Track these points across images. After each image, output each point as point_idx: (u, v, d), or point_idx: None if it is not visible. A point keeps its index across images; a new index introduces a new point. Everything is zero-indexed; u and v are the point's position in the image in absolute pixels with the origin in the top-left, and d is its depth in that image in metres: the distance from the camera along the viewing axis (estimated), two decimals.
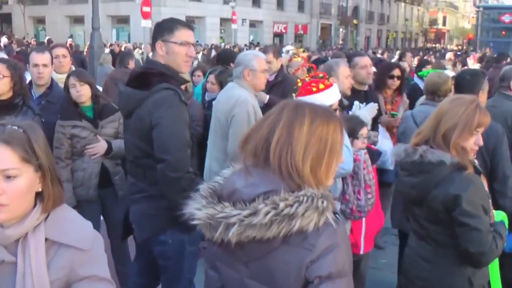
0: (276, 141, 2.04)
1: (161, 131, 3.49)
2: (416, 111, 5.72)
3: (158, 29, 3.72)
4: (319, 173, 2.06)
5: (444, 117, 3.14)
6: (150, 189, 3.65)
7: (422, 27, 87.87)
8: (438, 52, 54.99)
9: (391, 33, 75.66)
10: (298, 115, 2.07)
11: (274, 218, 1.93)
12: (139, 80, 3.67)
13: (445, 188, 3.04)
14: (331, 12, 58.29)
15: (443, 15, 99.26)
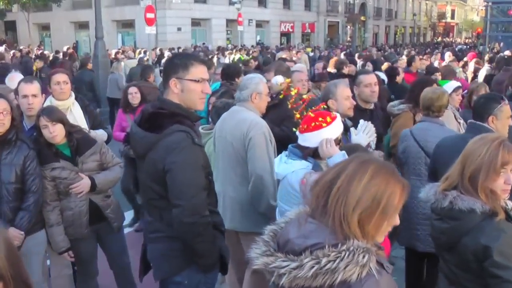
0: (337, 189, 2.17)
1: (174, 176, 3.43)
2: (415, 129, 5.59)
3: (171, 66, 3.60)
4: (366, 227, 2.16)
5: (468, 159, 3.06)
6: (166, 230, 3.62)
7: (430, 22, 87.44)
8: (447, 47, 54.81)
9: (399, 28, 75.33)
10: (361, 169, 2.20)
11: (318, 272, 2.09)
12: (150, 121, 3.57)
13: (475, 237, 2.95)
14: (338, 10, 57.94)
15: (452, 8, 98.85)
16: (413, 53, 23.02)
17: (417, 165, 5.41)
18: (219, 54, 24.62)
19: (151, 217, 3.74)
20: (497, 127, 4.50)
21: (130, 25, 40.56)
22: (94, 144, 4.80)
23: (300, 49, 31.81)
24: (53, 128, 4.50)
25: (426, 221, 4.89)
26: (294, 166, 3.84)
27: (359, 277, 2.09)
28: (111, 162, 4.95)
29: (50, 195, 4.63)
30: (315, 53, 26.88)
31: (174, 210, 3.46)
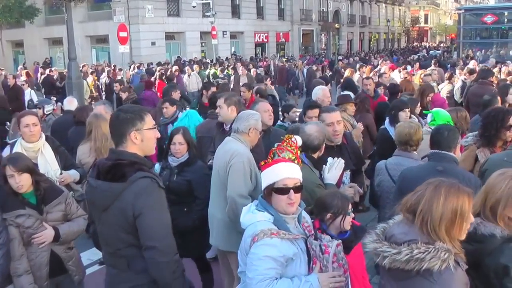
0: (420, 210, 3.05)
1: (145, 220, 3.56)
2: (389, 163, 5.61)
3: (127, 120, 3.69)
4: (452, 232, 3.02)
5: (490, 192, 3.50)
6: (134, 279, 3.72)
7: (404, 27, 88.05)
8: (423, 51, 55.28)
9: (373, 35, 75.81)
10: (436, 193, 3.04)
11: (410, 258, 2.96)
12: (112, 172, 3.66)
13: (496, 258, 3.32)
14: (312, 18, 58.17)
15: (425, 13, 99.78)
16: (384, 64, 23.09)
17: (389, 194, 5.45)
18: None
19: (116, 269, 3.80)
20: (457, 154, 4.79)
21: (104, 40, 40.23)
22: (60, 194, 4.75)
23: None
24: (19, 178, 4.43)
25: None
26: (256, 217, 3.78)
27: (440, 269, 2.92)
28: (76, 213, 4.87)
29: (18, 243, 4.50)
30: (291, 67, 26.50)
31: (147, 252, 3.57)
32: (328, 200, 4.14)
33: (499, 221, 3.42)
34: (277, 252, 3.56)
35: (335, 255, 3.91)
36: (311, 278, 3.69)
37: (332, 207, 4.09)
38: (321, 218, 4.11)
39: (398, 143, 5.66)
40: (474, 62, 20.18)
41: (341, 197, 4.24)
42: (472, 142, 5.92)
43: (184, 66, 24.17)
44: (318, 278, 3.68)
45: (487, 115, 5.92)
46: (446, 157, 4.76)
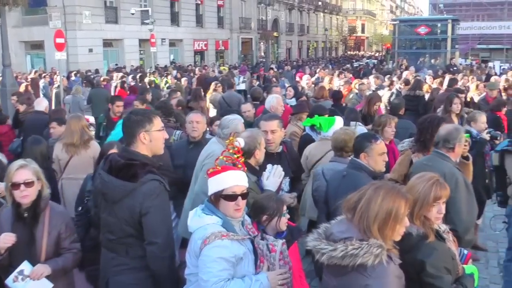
0: (360, 208, 3.26)
1: (151, 218, 4.03)
2: (326, 168, 5.77)
3: (137, 121, 4.13)
4: (384, 232, 3.21)
5: (419, 199, 3.73)
6: (131, 262, 4.17)
7: (341, 36, 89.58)
8: (363, 60, 56.30)
9: (311, 43, 76.76)
10: (375, 193, 3.25)
11: (345, 254, 3.13)
12: (124, 171, 4.06)
13: (413, 254, 3.58)
14: (251, 26, 58.53)
15: (362, 22, 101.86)
16: (323, 72, 23.41)
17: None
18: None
19: (114, 253, 4.23)
20: (369, 163, 4.97)
21: (39, 46, 39.00)
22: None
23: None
24: None
25: None
26: (204, 221, 3.88)
27: (373, 264, 3.10)
28: None
29: None
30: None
31: (150, 246, 4.04)
32: (264, 203, 4.33)
33: (415, 221, 3.69)
34: (229, 253, 3.70)
35: (281, 253, 4.12)
36: (260, 277, 3.86)
37: (268, 209, 4.28)
38: (258, 221, 4.29)
39: (334, 149, 5.85)
40: (409, 72, 20.71)
41: (276, 199, 4.47)
42: (408, 147, 6.16)
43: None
44: (267, 277, 3.87)
45: (423, 121, 6.15)
46: (358, 164, 5.03)
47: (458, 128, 5.61)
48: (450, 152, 5.35)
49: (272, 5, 59.84)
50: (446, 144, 5.36)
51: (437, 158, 5.36)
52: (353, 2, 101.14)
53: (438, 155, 5.39)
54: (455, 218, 4.93)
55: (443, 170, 5.10)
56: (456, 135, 5.37)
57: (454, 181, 5.05)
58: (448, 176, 5.02)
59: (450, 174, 5.10)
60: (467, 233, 5.10)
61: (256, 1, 57.26)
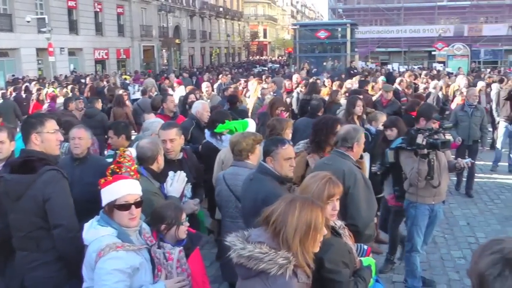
0: (273, 221, 3.21)
1: (54, 203, 4.37)
2: (227, 173, 5.84)
3: (31, 123, 4.61)
4: (306, 244, 3.18)
5: (303, 193, 3.83)
6: (43, 257, 4.44)
7: (244, 41, 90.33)
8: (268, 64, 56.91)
9: (214, 49, 76.92)
10: (291, 207, 3.21)
11: (251, 256, 3.14)
12: (23, 167, 4.44)
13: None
14: (153, 34, 57.81)
15: (264, 28, 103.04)
16: (225, 78, 23.53)
17: (229, 208, 5.69)
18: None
19: (25, 251, 4.49)
20: (275, 167, 5.02)
21: None
22: None
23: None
24: None
25: None
26: (99, 233, 3.84)
27: (275, 274, 3.09)
28: None
29: None
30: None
31: (56, 229, 4.35)
32: (162, 212, 4.33)
33: None
34: (124, 264, 3.66)
35: (178, 261, 4.15)
36: (158, 285, 3.88)
37: (166, 218, 4.28)
38: (157, 229, 4.29)
39: (232, 152, 5.90)
40: (298, 75, 21.23)
41: (175, 208, 4.45)
42: (303, 148, 6.26)
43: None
44: (164, 285, 3.90)
45: (317, 122, 6.28)
46: (265, 168, 5.09)
47: (357, 128, 5.78)
48: (349, 151, 5.53)
49: (173, 12, 59.53)
50: (344, 144, 5.54)
51: (337, 157, 5.53)
52: (255, 7, 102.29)
53: (338, 154, 5.57)
54: (355, 214, 5.16)
55: (342, 168, 5.30)
56: (355, 135, 5.55)
57: (353, 178, 5.25)
58: (347, 174, 5.25)
59: (349, 172, 5.29)
60: (367, 228, 5.29)
61: (156, 8, 56.66)
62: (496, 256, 1.76)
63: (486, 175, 13.83)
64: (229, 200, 5.66)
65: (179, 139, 6.16)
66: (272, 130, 6.95)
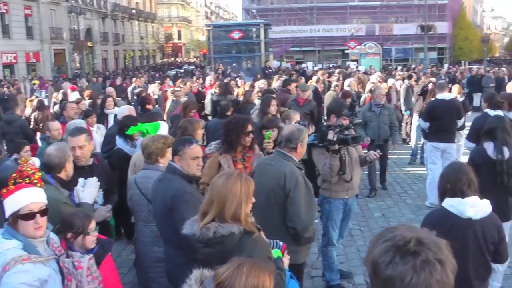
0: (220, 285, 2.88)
1: None
2: (138, 177, 5.77)
3: None
4: None
5: (228, 198, 3.69)
6: None
7: (158, 43, 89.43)
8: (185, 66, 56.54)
9: (128, 52, 75.73)
10: (238, 272, 2.88)
11: None
12: None
13: (239, 252, 3.52)
14: (63, 37, 56.23)
15: (178, 29, 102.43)
16: (139, 81, 23.27)
17: (142, 212, 5.61)
18: None
19: None
20: (183, 166, 5.02)
21: None
22: None
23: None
24: None
25: (158, 263, 5.25)
26: (4, 246, 3.70)
27: None
28: None
29: None
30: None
31: None
32: (69, 219, 4.21)
33: (243, 221, 3.72)
34: (31, 277, 3.55)
35: (89, 269, 4.04)
36: None
37: (73, 226, 4.16)
38: (65, 238, 4.18)
39: (143, 156, 5.85)
40: (212, 76, 21.48)
41: (83, 216, 4.32)
42: (215, 149, 6.25)
43: None
44: None
45: (228, 122, 6.29)
46: (172, 168, 5.08)
47: (300, 129, 5.80)
48: (292, 152, 5.57)
49: (84, 14, 58.04)
50: (288, 144, 5.57)
51: (279, 158, 5.57)
52: (168, 9, 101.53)
53: (280, 155, 5.60)
54: (294, 217, 5.23)
55: (284, 170, 5.35)
56: (298, 135, 5.58)
57: (294, 181, 5.30)
58: (289, 177, 5.31)
59: (290, 173, 5.34)
60: (306, 231, 5.37)
61: (66, 10, 55.06)
62: (388, 244, 1.82)
63: (400, 168, 14.34)
64: (141, 204, 5.58)
65: (89, 145, 6.06)
66: (183, 131, 6.96)
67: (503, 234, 4.59)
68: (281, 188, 5.33)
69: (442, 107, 10.40)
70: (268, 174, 5.47)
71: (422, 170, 13.12)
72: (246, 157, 6.18)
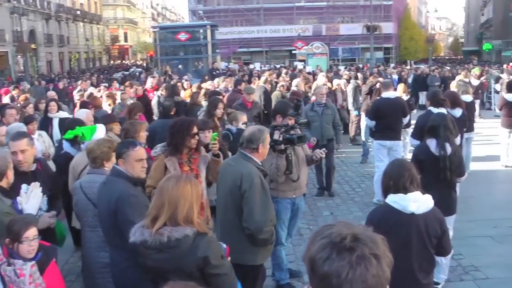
0: None
1: None
2: (84, 181, 5.71)
3: None
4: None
5: (180, 201, 3.71)
6: None
7: (104, 45, 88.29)
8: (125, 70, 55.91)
9: (73, 54, 74.50)
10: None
11: None
12: None
13: (194, 253, 3.67)
14: (6, 39, 54.80)
15: (124, 31, 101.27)
16: (85, 84, 22.92)
17: (88, 217, 5.53)
18: None
19: None
20: (127, 169, 5.04)
21: None
22: None
23: None
24: None
25: (105, 268, 5.19)
26: None
27: None
28: None
29: None
30: None
31: None
32: (8, 226, 4.18)
33: (195, 224, 3.75)
34: None
35: (31, 276, 3.99)
36: None
37: (10, 233, 4.12)
38: (5, 245, 4.14)
39: (89, 160, 5.81)
40: (155, 78, 21.41)
41: (21, 223, 4.26)
42: (160, 152, 6.20)
43: None
44: None
45: (173, 125, 6.26)
46: (116, 172, 5.08)
47: (261, 130, 5.84)
48: (254, 153, 5.61)
49: (27, 15, 56.83)
50: (249, 145, 5.61)
51: (240, 159, 5.63)
52: (114, 10, 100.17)
53: (241, 156, 5.66)
54: (248, 217, 5.29)
55: (241, 171, 5.42)
56: (260, 136, 5.62)
57: (249, 182, 5.34)
58: (245, 177, 5.36)
59: (247, 174, 5.39)
60: (262, 233, 5.37)
61: (8, 11, 53.77)
62: (325, 241, 1.83)
63: (347, 166, 14.54)
64: (87, 209, 5.51)
65: (31, 149, 5.91)
66: (126, 133, 6.93)
67: (445, 227, 4.72)
68: (237, 188, 5.39)
69: (387, 106, 10.60)
70: (228, 174, 5.56)
71: (369, 168, 13.30)
72: (192, 159, 6.15)
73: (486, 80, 24.16)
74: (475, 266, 7.70)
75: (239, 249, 5.25)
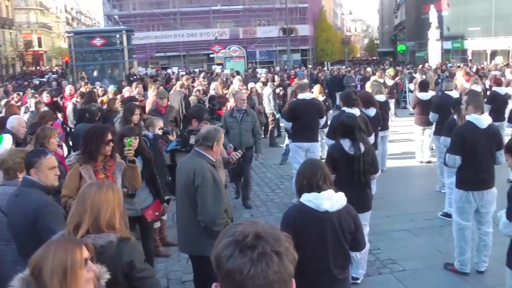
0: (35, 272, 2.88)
1: None
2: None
3: None
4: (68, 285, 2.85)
5: (102, 208, 3.75)
6: None
7: (17, 51, 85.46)
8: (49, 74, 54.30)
9: None
10: (47, 253, 2.90)
11: None
12: None
13: (119, 259, 3.70)
14: None
15: (38, 36, 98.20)
16: None
17: (2, 231, 5.34)
18: None
19: None
20: (40, 178, 5.03)
21: None
22: None
23: None
24: None
25: None
26: None
27: None
28: None
29: None
30: None
31: None
32: None
33: (111, 228, 3.78)
34: None
35: None
36: None
37: None
38: None
39: (2, 171, 5.70)
40: (84, 84, 20.90)
41: None
42: (75, 160, 6.07)
43: None
44: None
45: (87, 132, 6.18)
46: (25, 180, 5.07)
47: (217, 129, 6.13)
48: (208, 151, 5.85)
49: None
50: (205, 142, 5.84)
51: (194, 156, 5.89)
52: (26, 14, 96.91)
53: (195, 154, 5.91)
54: (202, 210, 5.60)
55: (194, 167, 5.71)
56: (215, 134, 5.89)
57: (201, 177, 5.63)
58: (197, 173, 5.65)
59: (199, 170, 5.67)
60: (215, 225, 5.57)
61: None
62: (229, 239, 1.90)
63: (267, 168, 14.74)
64: (1, 221, 5.32)
65: None
66: (37, 139, 6.87)
67: (359, 223, 4.88)
68: (191, 182, 5.67)
69: (303, 107, 10.78)
70: (183, 171, 5.85)
71: (289, 169, 13.47)
72: (107, 166, 6.07)
73: (400, 80, 24.95)
74: (392, 259, 7.96)
75: (198, 241, 5.70)
